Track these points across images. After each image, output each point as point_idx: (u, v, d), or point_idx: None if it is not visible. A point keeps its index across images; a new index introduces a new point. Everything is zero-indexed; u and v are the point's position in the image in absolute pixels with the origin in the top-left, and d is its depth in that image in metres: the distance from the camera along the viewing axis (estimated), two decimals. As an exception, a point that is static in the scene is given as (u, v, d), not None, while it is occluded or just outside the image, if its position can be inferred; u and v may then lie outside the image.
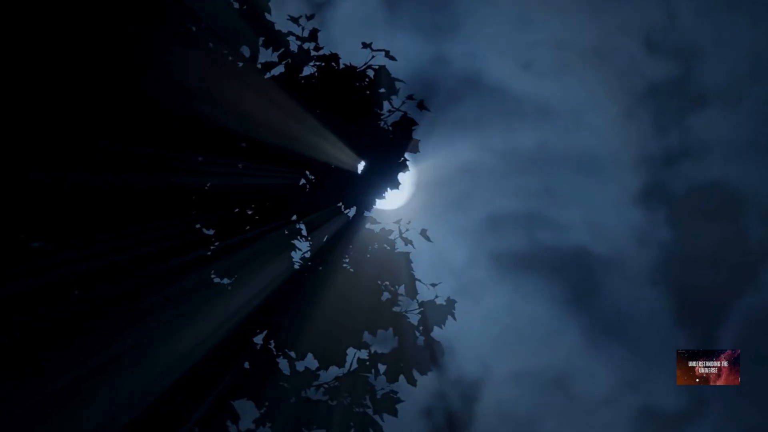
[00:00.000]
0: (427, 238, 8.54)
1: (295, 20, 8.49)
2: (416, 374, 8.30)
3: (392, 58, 8.82)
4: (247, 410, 7.97)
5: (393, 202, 8.65)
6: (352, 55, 8.80)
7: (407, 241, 8.51)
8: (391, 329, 8.43)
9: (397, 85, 8.76)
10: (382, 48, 8.79)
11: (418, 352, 8.45)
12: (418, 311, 8.51)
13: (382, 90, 8.83)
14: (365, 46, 8.78)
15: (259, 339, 8.08)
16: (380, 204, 8.54)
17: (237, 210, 8.41)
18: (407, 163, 8.56)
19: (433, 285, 8.54)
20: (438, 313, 8.51)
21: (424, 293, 8.51)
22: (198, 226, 8.48)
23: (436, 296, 8.52)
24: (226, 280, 8.11)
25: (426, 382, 8.32)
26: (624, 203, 18.79)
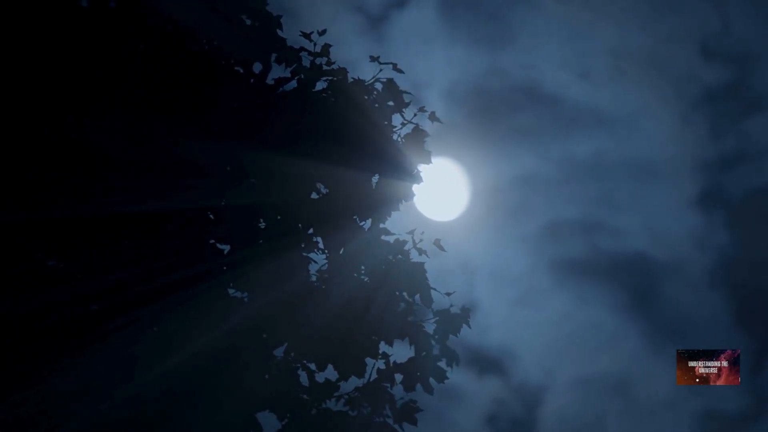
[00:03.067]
0: (441, 248, 8.65)
1: (306, 36, 8.57)
2: (439, 382, 8.41)
3: (399, 71, 8.94)
4: (269, 422, 8.04)
5: (450, 212, 8.68)
6: (409, 68, 8.89)
7: (421, 251, 8.62)
8: (407, 338, 8.53)
9: (407, 98, 8.89)
10: (390, 61, 8.92)
11: (433, 361, 8.55)
12: (433, 320, 8.61)
13: (391, 103, 8.95)
14: (373, 59, 8.89)
15: (279, 352, 8.15)
16: (438, 215, 8.59)
17: (252, 224, 8.48)
18: (420, 174, 8.69)
19: (448, 294, 8.66)
20: (453, 321, 8.62)
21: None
22: (212, 241, 8.54)
23: (451, 305, 8.63)
24: (245, 294, 8.16)
25: (489, 389, 8.40)
26: (682, 208, 18.94)
